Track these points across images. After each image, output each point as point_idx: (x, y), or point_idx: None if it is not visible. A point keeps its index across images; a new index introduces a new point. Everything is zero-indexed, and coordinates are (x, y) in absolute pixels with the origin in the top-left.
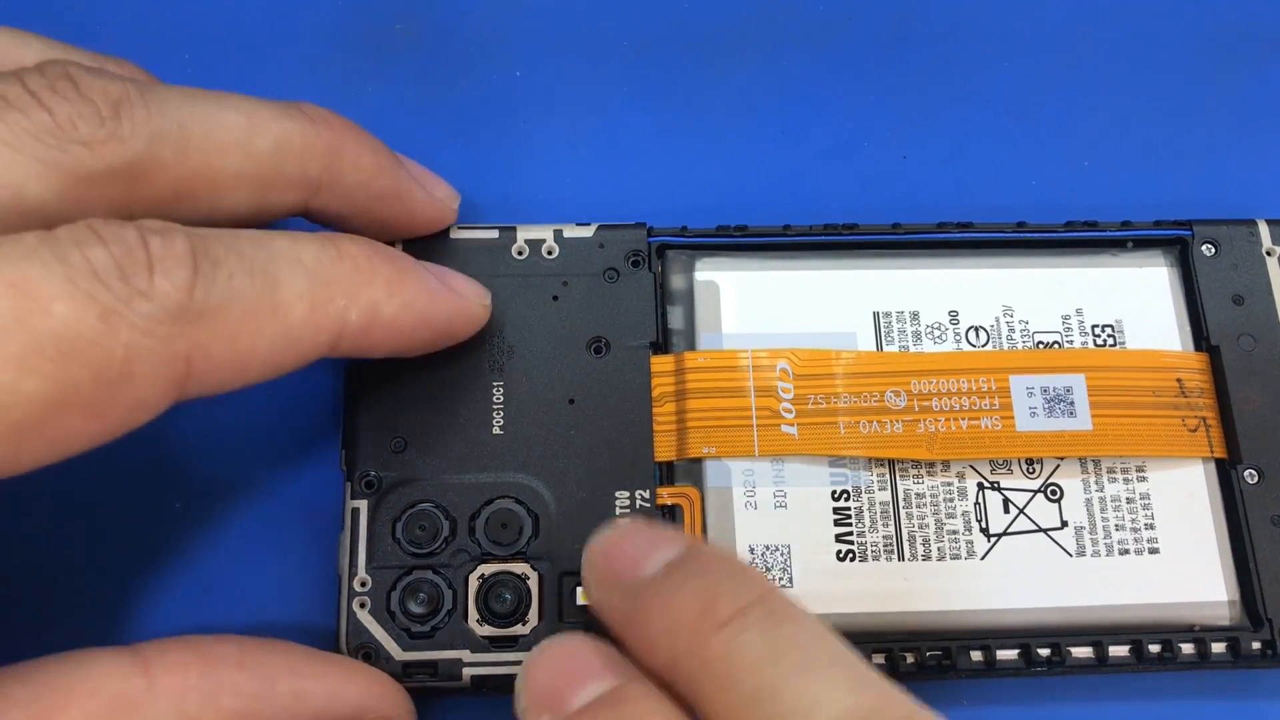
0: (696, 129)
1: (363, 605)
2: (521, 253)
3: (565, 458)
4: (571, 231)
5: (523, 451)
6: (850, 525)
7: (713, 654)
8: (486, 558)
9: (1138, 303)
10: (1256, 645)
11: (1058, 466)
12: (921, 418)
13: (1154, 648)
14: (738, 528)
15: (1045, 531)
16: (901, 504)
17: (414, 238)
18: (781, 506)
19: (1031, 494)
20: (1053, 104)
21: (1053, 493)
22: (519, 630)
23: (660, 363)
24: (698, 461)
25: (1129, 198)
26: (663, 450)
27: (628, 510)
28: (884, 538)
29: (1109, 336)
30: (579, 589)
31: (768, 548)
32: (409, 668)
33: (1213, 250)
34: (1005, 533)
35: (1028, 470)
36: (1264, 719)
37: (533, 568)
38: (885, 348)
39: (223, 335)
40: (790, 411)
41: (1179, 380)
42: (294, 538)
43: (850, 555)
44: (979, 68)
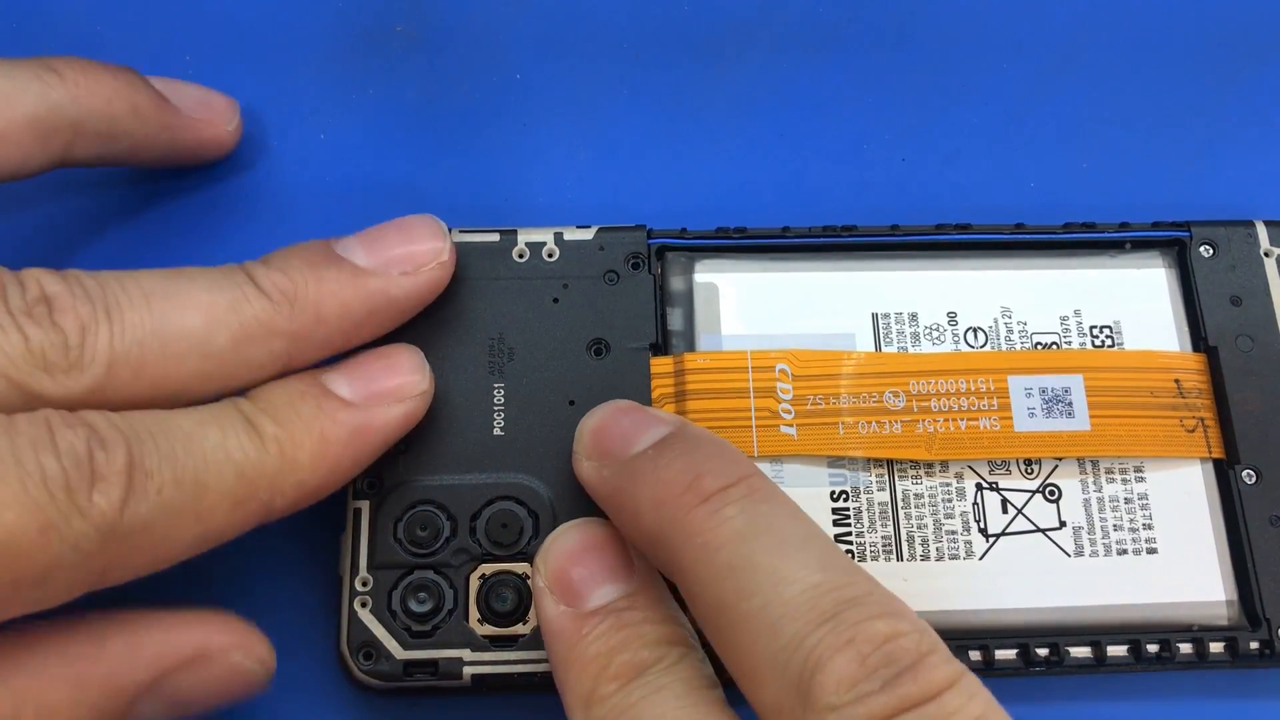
0: (696, 131)
1: (364, 605)
2: (522, 255)
3: (565, 459)
4: (572, 234)
5: (523, 452)
6: (849, 525)
7: (695, 526)
8: (487, 558)
9: (1136, 304)
10: (1254, 645)
11: (1056, 467)
12: (920, 418)
13: (1152, 648)
14: None
15: (1044, 532)
16: (900, 504)
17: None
18: None
19: (1030, 494)
20: (1051, 106)
21: (1051, 493)
22: (519, 630)
23: (660, 364)
24: None
25: (1127, 199)
26: None
27: None
28: (883, 538)
29: (1107, 337)
30: None
31: None
32: (410, 667)
33: (1211, 251)
34: (1004, 533)
35: (1026, 471)
36: (1262, 718)
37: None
38: (884, 349)
39: (143, 548)
40: (789, 412)
41: (1177, 381)
42: (295, 538)
43: (849, 555)
44: (978, 69)
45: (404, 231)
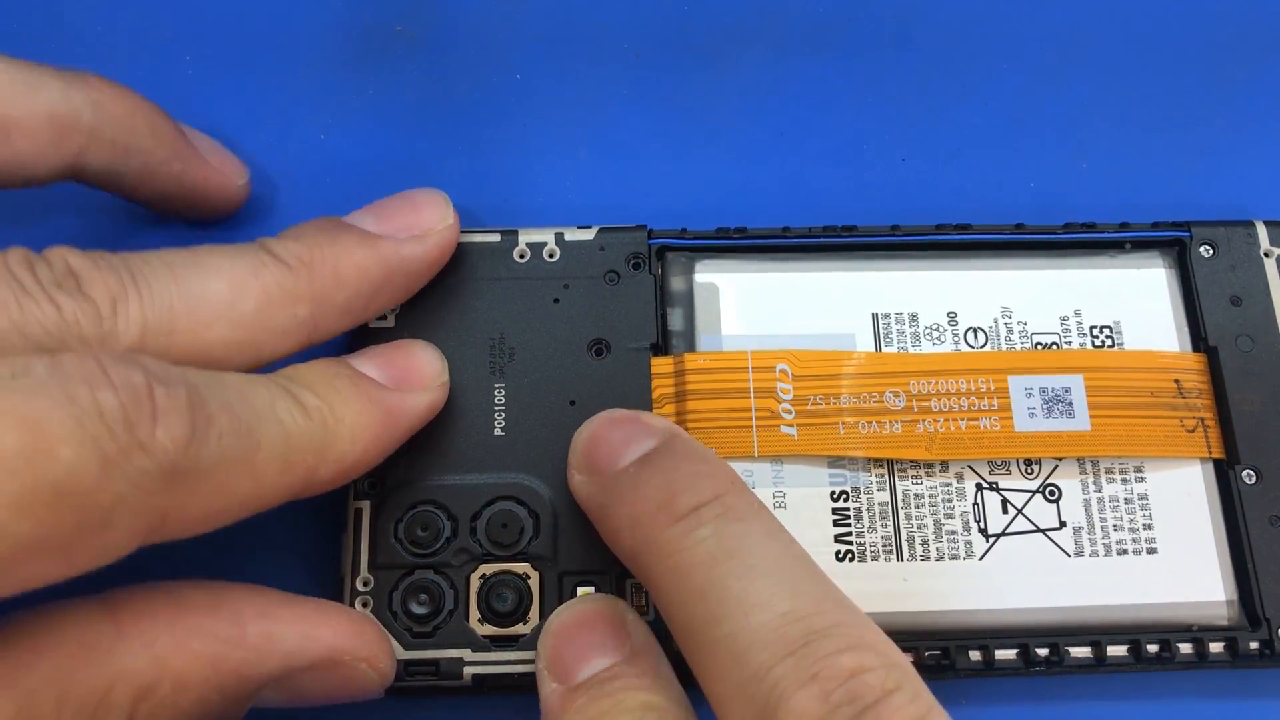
0: (696, 131)
1: (365, 605)
2: (523, 256)
3: (566, 459)
4: (572, 234)
5: (524, 452)
6: (849, 526)
7: (667, 547)
8: (488, 558)
9: (1136, 304)
10: (1254, 645)
11: (1056, 467)
12: (920, 418)
13: (1152, 647)
14: None
15: (1044, 532)
16: (900, 504)
17: None
18: (781, 507)
19: (1030, 494)
20: (1051, 106)
21: (1051, 493)
22: (520, 630)
23: (660, 364)
24: None
25: (1127, 199)
26: None
27: None
28: (883, 538)
29: (1107, 337)
30: (580, 588)
31: None
32: (411, 667)
33: (1210, 251)
34: (1004, 533)
35: (1026, 471)
36: (1262, 719)
37: (534, 567)
38: (884, 349)
39: (202, 495)
40: (790, 412)
41: (1177, 381)
42: (296, 538)
43: (849, 555)
44: (978, 69)
45: (409, 201)
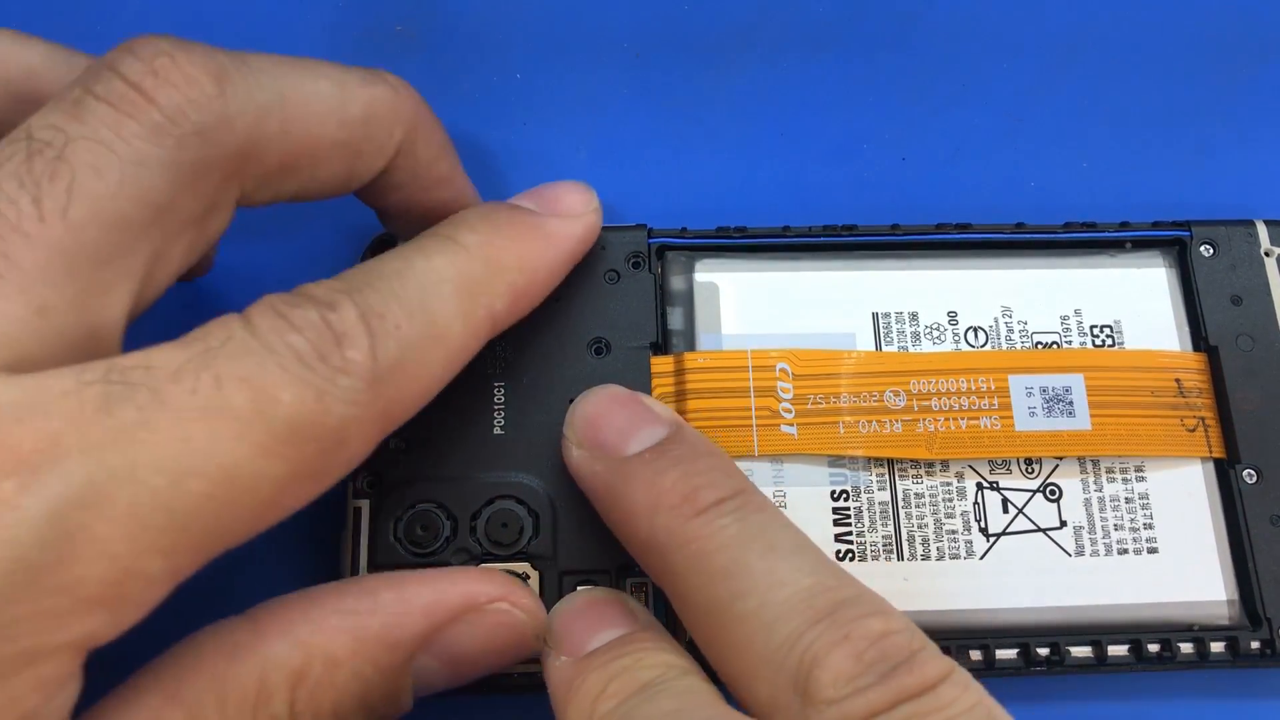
0: (696, 130)
1: None
2: None
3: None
4: None
5: (524, 452)
6: (849, 525)
7: (690, 535)
8: (487, 557)
9: (1136, 303)
10: (1255, 645)
11: (1056, 466)
12: (921, 418)
13: (1153, 647)
14: None
15: (1044, 531)
16: (901, 504)
17: None
18: (781, 506)
19: (1030, 494)
20: (1051, 105)
21: (1052, 492)
22: None
23: (660, 363)
24: None
25: (1127, 198)
26: None
27: None
28: (883, 538)
29: (1108, 337)
30: (580, 587)
31: None
32: None
33: (1211, 251)
34: (1004, 532)
35: (1026, 470)
36: (1263, 718)
37: (533, 567)
38: (884, 348)
39: (408, 381)
40: (790, 411)
41: (1178, 380)
42: (295, 537)
43: (850, 555)
44: (978, 69)
45: (555, 187)
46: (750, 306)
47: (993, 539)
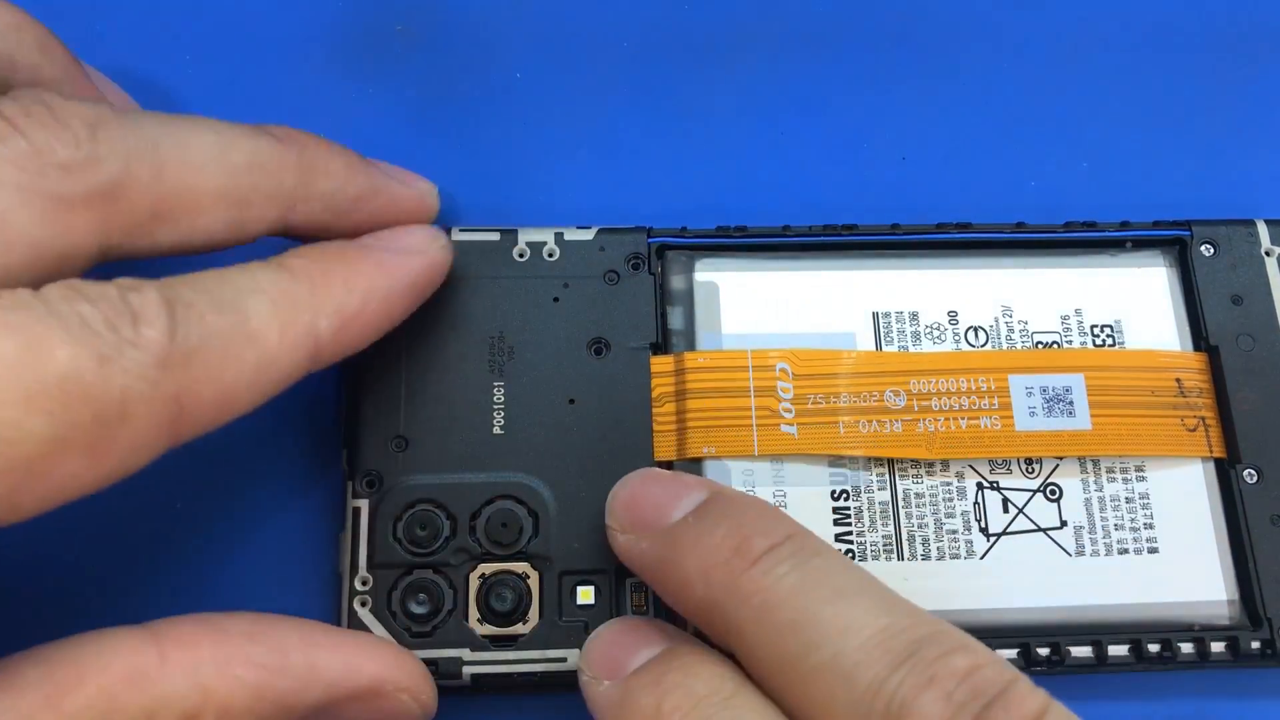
0: (696, 130)
1: (363, 604)
2: (523, 255)
3: (565, 458)
4: (572, 234)
5: (523, 451)
6: (850, 525)
7: (749, 588)
8: (487, 557)
9: (1137, 303)
10: (1256, 645)
11: (1057, 466)
12: (921, 417)
13: (1153, 647)
14: None
15: (1044, 531)
16: (901, 504)
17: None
18: (781, 506)
19: (1031, 494)
20: (1051, 104)
21: (1052, 492)
22: (519, 629)
23: (660, 363)
24: (698, 462)
25: (1128, 198)
26: (662, 450)
27: None
28: (883, 537)
29: (1108, 336)
30: (580, 588)
31: None
32: None
33: (1211, 250)
34: (1004, 532)
35: (1027, 470)
36: (1263, 718)
37: (533, 567)
38: (884, 348)
39: (208, 372)
40: (790, 411)
41: (1178, 380)
42: (294, 537)
43: (850, 555)
44: (978, 68)
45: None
46: (750, 306)
47: (993, 539)
